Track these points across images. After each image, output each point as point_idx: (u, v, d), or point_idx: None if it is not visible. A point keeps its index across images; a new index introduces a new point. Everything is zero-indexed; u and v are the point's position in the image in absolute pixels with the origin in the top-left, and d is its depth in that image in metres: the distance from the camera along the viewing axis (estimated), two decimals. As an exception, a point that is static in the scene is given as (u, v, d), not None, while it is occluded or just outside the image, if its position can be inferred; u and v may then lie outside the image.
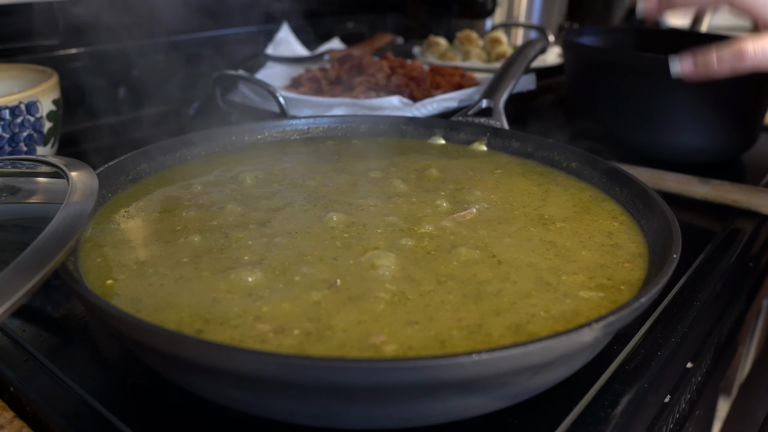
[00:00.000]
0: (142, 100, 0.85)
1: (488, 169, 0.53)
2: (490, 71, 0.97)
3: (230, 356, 0.26)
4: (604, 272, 0.37)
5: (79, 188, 0.36)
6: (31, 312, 0.42)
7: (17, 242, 0.31)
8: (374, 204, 0.46)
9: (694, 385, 0.45)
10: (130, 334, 0.29)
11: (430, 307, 0.33)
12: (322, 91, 0.81)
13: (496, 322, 0.32)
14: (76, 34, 0.78)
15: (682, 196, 0.63)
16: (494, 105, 0.63)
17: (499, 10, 1.29)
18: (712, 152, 0.70)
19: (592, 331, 0.28)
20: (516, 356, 0.26)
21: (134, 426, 0.32)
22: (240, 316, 0.32)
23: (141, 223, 0.43)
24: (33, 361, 0.37)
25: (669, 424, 0.40)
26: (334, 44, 1.07)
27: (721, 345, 0.51)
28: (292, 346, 0.30)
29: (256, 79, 0.74)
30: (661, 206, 0.41)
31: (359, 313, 0.32)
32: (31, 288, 0.28)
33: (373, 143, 0.60)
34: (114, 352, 0.39)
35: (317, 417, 0.30)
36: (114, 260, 0.38)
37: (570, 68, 0.81)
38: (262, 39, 1.00)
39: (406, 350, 0.30)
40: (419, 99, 0.77)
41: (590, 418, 0.34)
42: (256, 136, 0.59)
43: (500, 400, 0.31)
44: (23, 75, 0.66)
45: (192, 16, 0.90)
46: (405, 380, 0.26)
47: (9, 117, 0.56)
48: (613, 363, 0.38)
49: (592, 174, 0.50)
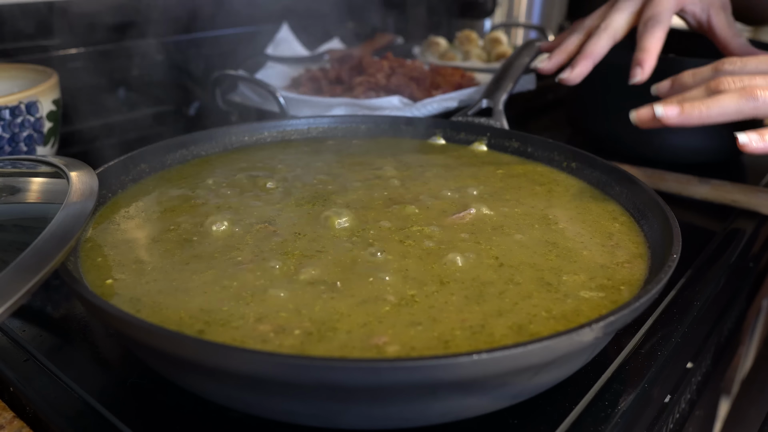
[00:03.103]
0: (141, 100, 0.85)
1: (488, 170, 0.53)
2: (490, 71, 0.97)
3: (230, 356, 0.26)
4: (604, 272, 0.37)
5: (79, 188, 0.36)
6: (31, 312, 0.42)
7: (17, 242, 0.31)
8: (374, 204, 0.46)
9: (694, 385, 0.45)
10: (130, 334, 0.29)
11: (434, 308, 0.33)
12: (322, 91, 0.81)
13: (498, 323, 0.32)
14: (76, 34, 0.78)
15: (682, 196, 0.63)
16: (494, 105, 0.64)
17: (499, 10, 1.29)
18: (712, 152, 0.70)
19: (592, 331, 0.28)
20: (516, 356, 0.26)
21: (134, 426, 0.32)
22: (241, 317, 0.32)
23: (141, 223, 0.43)
24: (33, 361, 0.37)
25: (669, 424, 0.40)
26: (334, 44, 1.07)
27: (721, 345, 0.51)
28: (293, 346, 0.30)
29: (256, 79, 0.74)
30: (661, 206, 0.41)
31: (361, 313, 0.32)
32: (31, 288, 0.28)
33: (373, 143, 0.60)
34: (114, 352, 0.39)
35: (317, 417, 0.30)
36: (114, 260, 0.38)
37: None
38: (262, 39, 1.00)
39: (409, 351, 0.30)
40: (419, 99, 0.77)
41: (590, 418, 0.34)
42: (256, 136, 0.59)
43: (500, 400, 0.31)
44: (23, 75, 0.66)
45: (192, 15, 0.90)
46: (405, 380, 0.26)
47: (9, 117, 0.56)
48: (613, 363, 0.38)
49: (592, 174, 0.50)
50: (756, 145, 0.48)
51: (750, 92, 0.48)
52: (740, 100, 0.48)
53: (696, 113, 0.49)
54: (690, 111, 0.49)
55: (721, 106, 0.49)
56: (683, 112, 0.49)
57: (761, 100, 0.48)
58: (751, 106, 0.48)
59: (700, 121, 0.49)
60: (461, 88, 0.81)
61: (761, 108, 0.48)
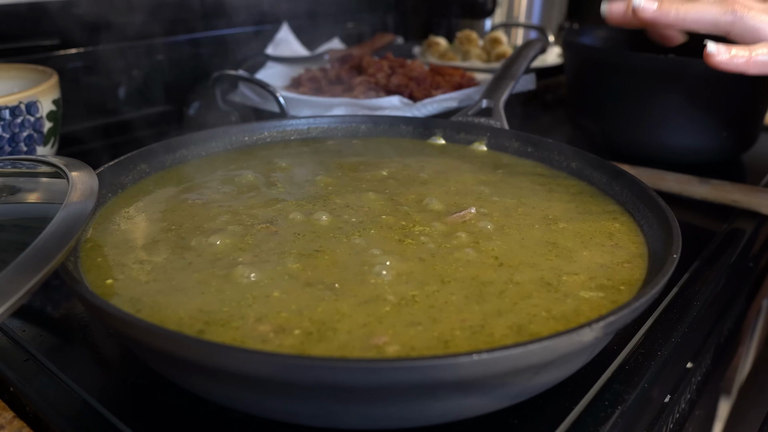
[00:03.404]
0: (142, 100, 0.85)
1: (489, 170, 0.53)
2: (490, 71, 0.97)
3: (230, 356, 0.26)
4: (604, 272, 0.37)
5: (79, 188, 0.36)
6: (31, 312, 0.42)
7: (17, 242, 0.31)
8: (375, 205, 0.46)
9: (694, 385, 0.45)
10: (130, 334, 0.29)
11: (434, 308, 0.33)
12: (322, 91, 0.81)
13: (498, 323, 0.32)
14: (76, 34, 0.78)
15: (682, 196, 0.63)
16: (494, 105, 0.63)
17: (499, 10, 1.29)
18: (713, 152, 0.70)
19: (592, 331, 0.28)
20: (516, 356, 0.26)
21: (134, 426, 0.32)
22: (241, 318, 0.32)
23: (141, 223, 0.43)
24: (33, 361, 0.37)
25: (669, 424, 0.40)
26: (334, 44, 1.07)
27: (721, 345, 0.51)
28: (293, 346, 0.30)
29: (256, 79, 0.74)
30: (661, 206, 0.41)
31: (362, 314, 0.32)
32: (31, 288, 0.28)
33: (373, 143, 0.60)
34: (114, 352, 0.39)
35: (317, 417, 0.30)
36: (114, 260, 0.38)
37: (570, 68, 0.81)
38: (262, 39, 1.00)
39: (409, 351, 0.30)
40: (419, 99, 0.77)
41: (590, 418, 0.34)
42: (256, 136, 0.59)
43: (500, 400, 0.31)
44: (23, 75, 0.66)
45: (192, 15, 0.90)
46: (405, 380, 0.26)
47: (9, 117, 0.56)
48: (613, 363, 0.38)
49: (592, 174, 0.50)
50: (721, 57, 0.47)
51: (731, 5, 0.48)
52: (719, 12, 0.48)
53: (672, 13, 0.49)
54: (667, 8, 0.49)
55: (699, 12, 0.48)
56: (660, 8, 0.49)
57: (738, 17, 0.48)
58: (728, 21, 0.48)
59: (675, 22, 0.49)
60: (461, 88, 0.81)
61: (737, 25, 0.48)
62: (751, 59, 0.47)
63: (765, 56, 0.47)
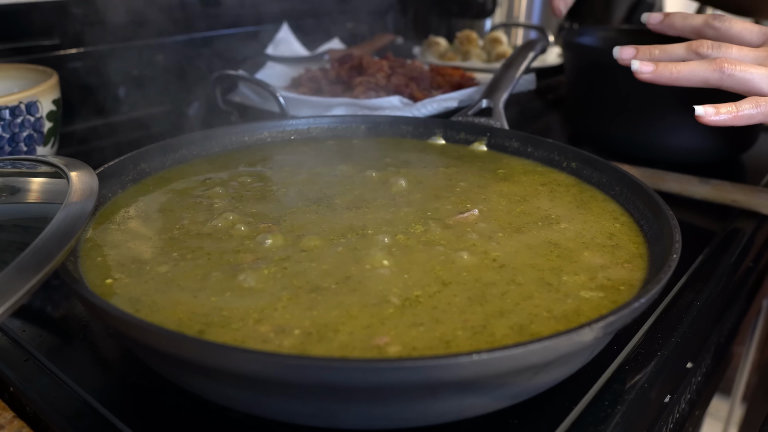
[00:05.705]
0: (142, 100, 0.85)
1: (489, 170, 0.53)
2: (490, 71, 0.97)
3: (230, 356, 0.26)
4: (604, 272, 0.37)
5: (79, 188, 0.36)
6: (31, 312, 0.42)
7: (17, 242, 0.31)
8: (375, 205, 0.46)
9: (694, 385, 0.45)
10: (130, 334, 0.29)
11: (437, 309, 0.33)
12: (322, 91, 0.81)
13: (499, 323, 0.32)
14: (76, 34, 0.78)
15: (682, 196, 0.63)
16: (494, 105, 0.63)
17: (499, 10, 1.29)
18: (712, 152, 0.70)
19: (592, 331, 0.28)
20: (516, 356, 0.26)
21: (134, 426, 0.32)
22: (241, 319, 0.32)
23: (141, 223, 0.43)
24: (33, 361, 0.37)
25: (669, 424, 0.40)
26: (334, 44, 1.07)
27: (721, 345, 0.51)
28: (293, 346, 0.30)
29: (256, 79, 0.74)
30: (661, 206, 0.41)
31: (365, 315, 0.32)
32: (31, 288, 0.28)
33: (373, 143, 0.60)
34: (114, 352, 0.39)
35: (317, 417, 0.30)
36: (114, 260, 0.38)
37: (570, 68, 0.81)
38: (262, 39, 1.00)
39: (410, 351, 0.30)
40: (419, 99, 0.77)
41: (590, 418, 0.34)
42: (256, 136, 0.59)
43: (500, 399, 0.31)
44: (23, 75, 0.66)
45: (192, 15, 0.90)
46: (405, 380, 0.26)
47: (9, 117, 0.56)
48: (613, 363, 0.38)
49: (593, 174, 0.50)
50: (709, 118, 0.51)
51: (719, 65, 0.51)
52: (707, 70, 0.52)
53: (666, 74, 0.53)
54: (662, 71, 0.53)
55: (691, 72, 0.53)
56: (656, 71, 0.54)
57: (727, 74, 0.51)
58: (717, 78, 0.52)
59: (669, 82, 0.53)
60: (461, 88, 0.81)
61: (726, 81, 0.51)
62: (737, 115, 0.51)
63: (749, 111, 0.51)
